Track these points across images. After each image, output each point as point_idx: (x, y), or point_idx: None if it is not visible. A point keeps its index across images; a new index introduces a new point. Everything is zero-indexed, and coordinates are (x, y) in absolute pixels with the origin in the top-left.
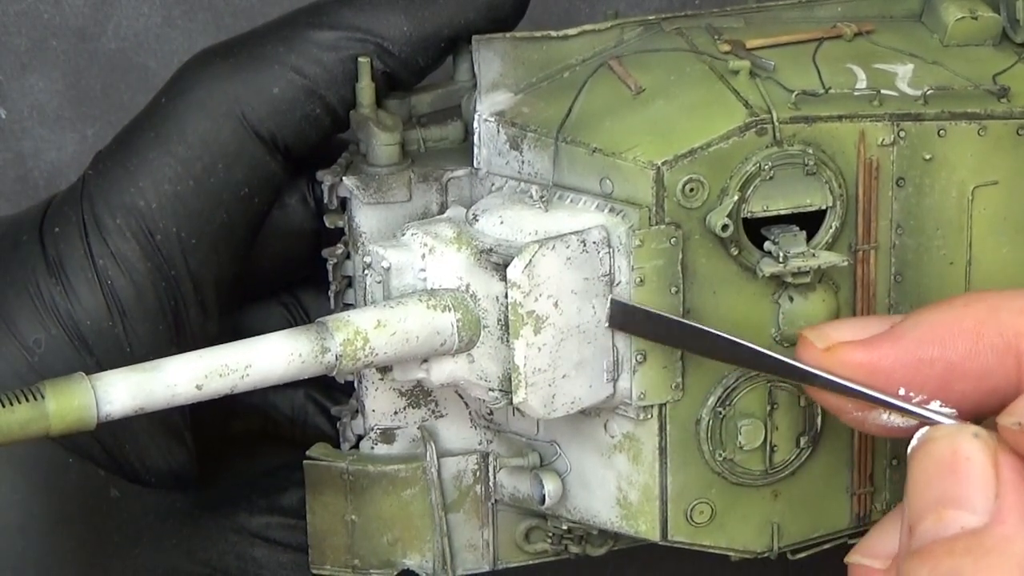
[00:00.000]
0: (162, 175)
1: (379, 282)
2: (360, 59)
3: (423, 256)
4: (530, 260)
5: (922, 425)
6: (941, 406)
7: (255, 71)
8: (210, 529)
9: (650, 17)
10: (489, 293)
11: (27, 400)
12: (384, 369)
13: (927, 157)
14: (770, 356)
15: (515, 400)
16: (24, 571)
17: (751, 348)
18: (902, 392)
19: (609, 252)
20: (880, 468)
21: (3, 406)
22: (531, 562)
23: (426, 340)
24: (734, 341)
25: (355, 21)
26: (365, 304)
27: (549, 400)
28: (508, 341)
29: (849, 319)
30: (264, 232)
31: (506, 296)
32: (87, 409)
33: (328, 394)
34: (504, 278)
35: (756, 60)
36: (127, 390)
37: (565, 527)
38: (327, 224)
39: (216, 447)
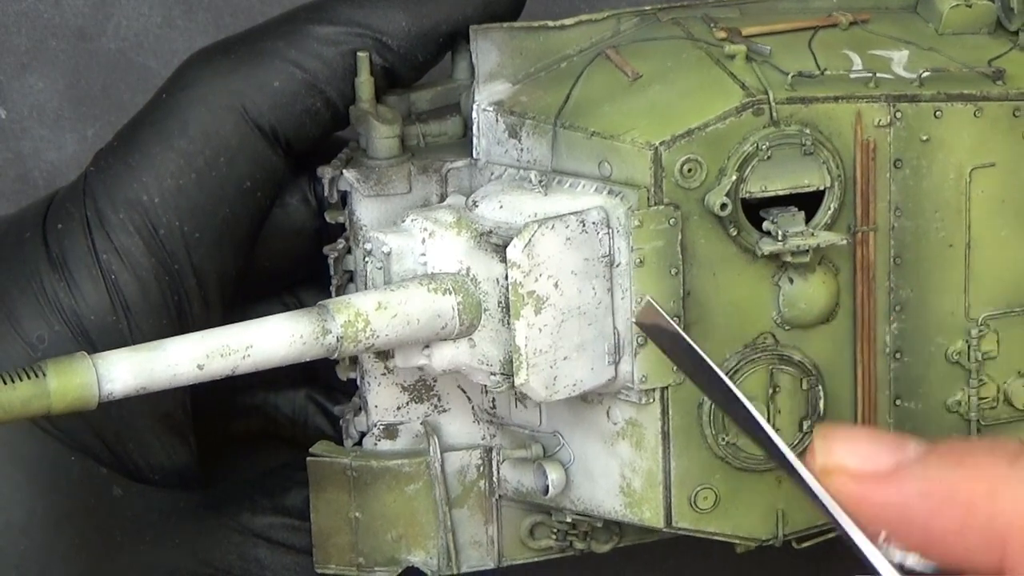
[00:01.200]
0: (164, 169)
1: (380, 268)
2: (359, 53)
3: (423, 241)
4: (530, 239)
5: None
6: (920, 559)
7: (255, 65)
8: (214, 529)
9: (646, 8)
10: (489, 276)
11: (29, 378)
12: (385, 356)
13: (924, 138)
14: (778, 449)
15: (516, 382)
16: (27, 569)
17: (763, 430)
18: (883, 536)
19: (608, 233)
20: None
21: (4, 383)
22: (536, 559)
23: (427, 323)
24: (751, 415)
25: (354, 16)
26: None
27: (551, 382)
28: (509, 323)
29: (863, 436)
30: (265, 231)
31: (506, 277)
32: (88, 387)
33: (329, 394)
34: (504, 259)
35: (752, 45)
36: (129, 369)
37: (570, 520)
38: (328, 220)
39: (217, 447)
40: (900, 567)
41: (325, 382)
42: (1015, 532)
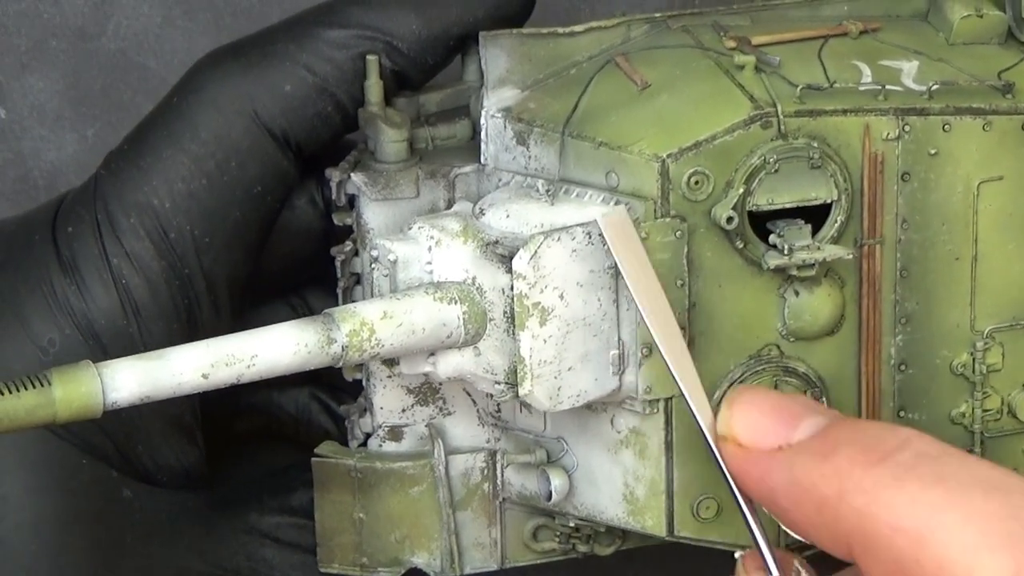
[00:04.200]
0: (175, 173)
1: (386, 275)
2: (368, 57)
3: (429, 249)
4: (536, 251)
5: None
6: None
7: (266, 69)
8: (221, 529)
9: (656, 15)
10: (495, 286)
11: (34, 386)
12: (390, 363)
13: (932, 152)
14: (687, 402)
15: (521, 392)
16: (37, 571)
17: (680, 387)
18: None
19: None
20: None
21: (10, 392)
22: (539, 561)
23: (432, 332)
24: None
25: (365, 19)
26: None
27: (555, 392)
28: (514, 333)
29: (765, 404)
30: (272, 233)
31: (512, 287)
32: (93, 396)
33: (333, 394)
34: (510, 270)
35: (761, 56)
36: (133, 378)
37: (572, 524)
38: (335, 222)
39: (221, 447)
40: None
41: (328, 381)
42: (855, 536)
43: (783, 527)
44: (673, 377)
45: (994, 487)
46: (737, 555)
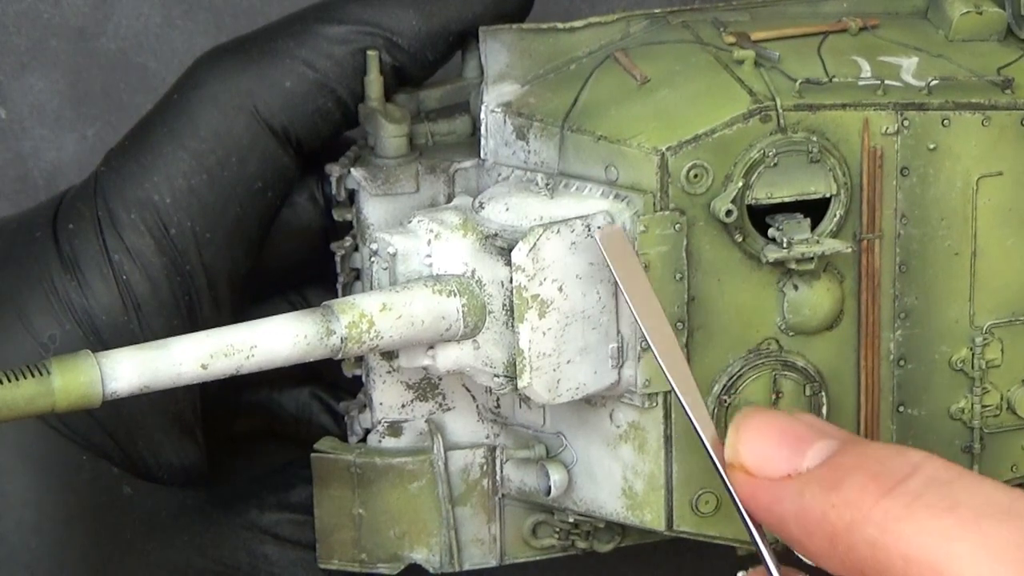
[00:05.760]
0: (176, 169)
1: (385, 268)
2: (368, 52)
3: (429, 242)
4: (535, 243)
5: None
6: None
7: (267, 65)
8: (222, 526)
9: (656, 11)
10: (494, 278)
11: (33, 376)
12: (389, 356)
13: (931, 147)
14: (695, 427)
15: (520, 385)
16: (38, 568)
17: (684, 406)
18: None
19: None
20: None
21: (10, 381)
22: (538, 558)
23: (431, 325)
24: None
25: (364, 15)
26: None
27: (554, 385)
28: (513, 326)
29: (773, 430)
30: (272, 230)
31: (511, 280)
32: (92, 385)
33: (333, 392)
34: (509, 262)
35: (761, 51)
36: (133, 368)
37: (572, 520)
38: (335, 217)
39: (221, 446)
40: None
41: (329, 380)
42: (868, 567)
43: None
44: (677, 397)
45: (1006, 513)
46: (740, 575)
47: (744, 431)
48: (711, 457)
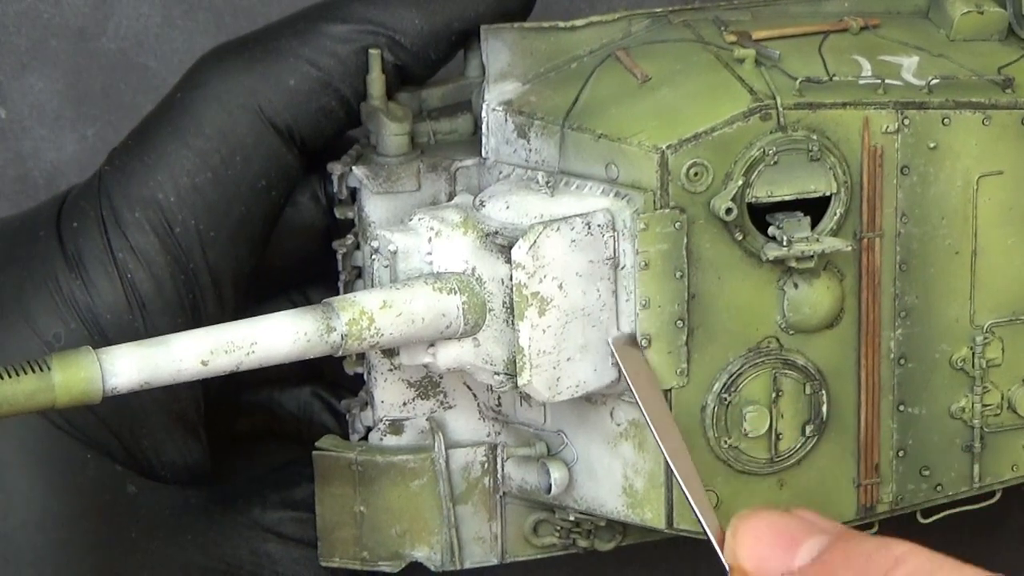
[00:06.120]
0: (180, 168)
1: (386, 266)
2: (371, 50)
3: (430, 240)
4: (535, 241)
5: None
6: None
7: (270, 64)
8: (224, 524)
9: (657, 10)
10: (495, 276)
11: (34, 371)
12: (390, 353)
13: (932, 146)
14: (701, 521)
15: (520, 382)
16: (43, 566)
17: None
18: None
19: (614, 235)
20: (886, 459)
21: (10, 376)
22: (539, 556)
23: (432, 322)
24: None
25: (368, 14)
26: None
27: (554, 383)
28: (513, 324)
29: (769, 531)
30: (276, 229)
31: (511, 277)
32: (93, 381)
33: (334, 392)
34: (509, 260)
35: (762, 49)
36: (133, 364)
37: (573, 519)
38: (337, 215)
39: (223, 445)
40: None
41: (330, 379)
42: None
43: None
44: (686, 496)
45: None
46: None
47: (741, 533)
48: (720, 557)
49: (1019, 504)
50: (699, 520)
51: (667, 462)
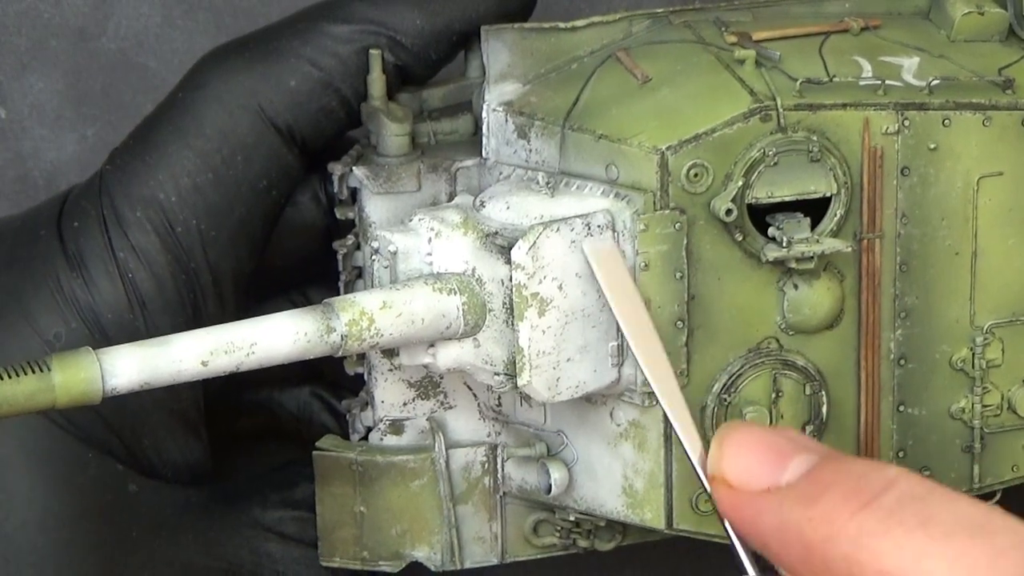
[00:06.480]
0: (181, 168)
1: (386, 266)
2: (371, 51)
3: (429, 240)
4: (534, 242)
5: None
6: None
7: (271, 64)
8: (225, 524)
9: (658, 11)
10: (495, 277)
11: (34, 372)
12: (390, 354)
13: (932, 147)
14: (679, 438)
15: (519, 383)
16: (43, 566)
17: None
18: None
19: (614, 236)
20: (886, 459)
21: (10, 377)
22: (539, 556)
23: (432, 323)
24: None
25: (368, 14)
26: None
27: (553, 383)
28: (513, 324)
29: (755, 442)
30: (276, 229)
31: (511, 278)
32: (93, 382)
33: (334, 392)
34: (509, 261)
35: (762, 50)
36: (133, 364)
37: (573, 519)
38: (338, 215)
39: (224, 444)
40: None
41: (330, 379)
42: None
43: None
44: (664, 412)
45: (979, 529)
46: None
47: (726, 445)
48: (695, 469)
49: (1018, 503)
50: (676, 432)
51: (642, 369)
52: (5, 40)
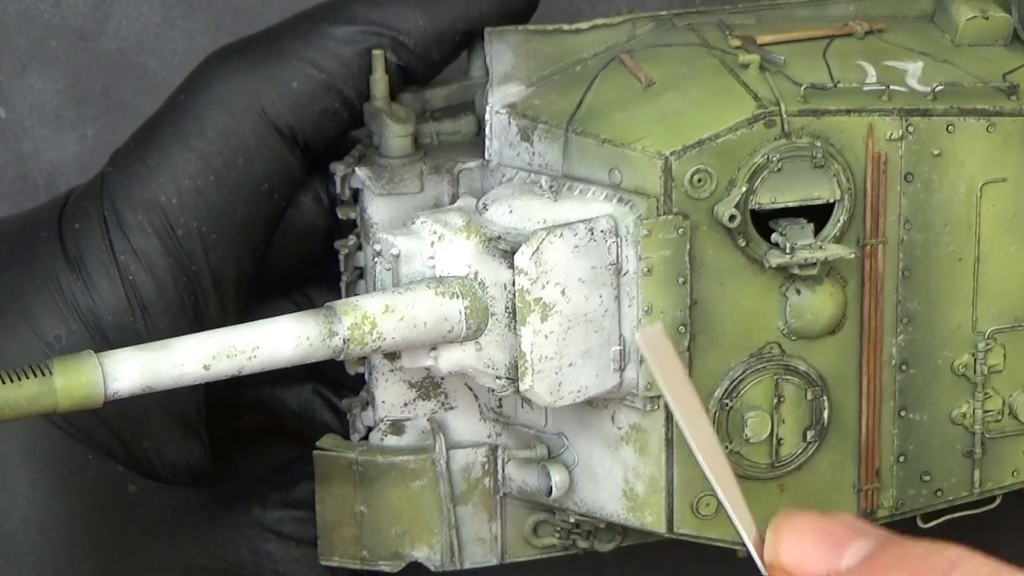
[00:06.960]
0: (182, 170)
1: (388, 269)
2: (374, 51)
3: (432, 244)
4: (538, 247)
5: None
6: None
7: (273, 66)
8: (225, 524)
9: (662, 13)
10: (497, 281)
11: (36, 376)
12: (392, 356)
13: (936, 152)
14: (739, 532)
15: (521, 387)
16: (43, 567)
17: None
18: None
19: (617, 241)
20: (887, 464)
21: (12, 381)
22: (539, 557)
23: (434, 326)
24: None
25: (371, 15)
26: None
27: (555, 388)
28: (515, 329)
29: (811, 531)
30: (277, 230)
31: (513, 283)
32: (94, 386)
33: (335, 390)
34: (512, 265)
35: (766, 55)
36: (135, 368)
37: (573, 520)
38: (339, 216)
39: (224, 443)
40: None
41: (332, 378)
42: None
43: None
44: (722, 504)
45: None
46: None
47: (783, 532)
48: (753, 556)
49: (1017, 503)
50: (732, 520)
51: (698, 459)
52: (5, 40)
